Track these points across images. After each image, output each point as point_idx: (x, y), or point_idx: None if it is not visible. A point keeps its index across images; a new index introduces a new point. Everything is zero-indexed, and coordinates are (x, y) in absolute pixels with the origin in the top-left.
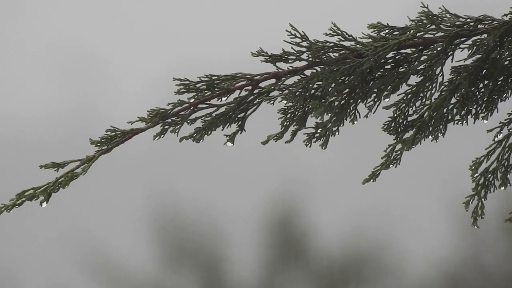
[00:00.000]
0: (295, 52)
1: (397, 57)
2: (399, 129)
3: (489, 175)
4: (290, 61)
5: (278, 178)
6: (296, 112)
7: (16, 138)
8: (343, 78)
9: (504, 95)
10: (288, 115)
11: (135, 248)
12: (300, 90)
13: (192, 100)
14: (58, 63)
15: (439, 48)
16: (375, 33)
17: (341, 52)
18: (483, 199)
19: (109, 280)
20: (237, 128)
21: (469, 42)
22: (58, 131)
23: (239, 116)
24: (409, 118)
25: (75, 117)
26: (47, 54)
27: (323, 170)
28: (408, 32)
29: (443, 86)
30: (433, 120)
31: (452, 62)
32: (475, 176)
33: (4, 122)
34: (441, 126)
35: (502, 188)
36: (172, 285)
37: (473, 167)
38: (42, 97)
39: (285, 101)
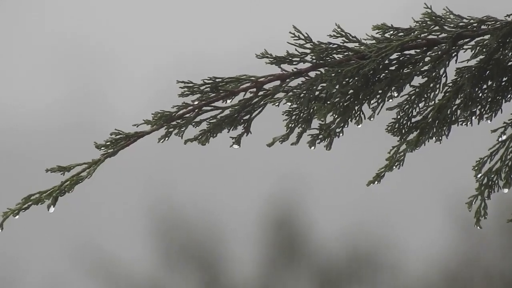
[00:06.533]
0: (299, 54)
1: (401, 58)
2: (403, 131)
3: (493, 175)
4: (294, 62)
5: (278, 178)
6: (301, 114)
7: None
8: (347, 79)
9: (508, 96)
10: (293, 117)
11: (135, 247)
12: (304, 92)
13: (196, 103)
14: (60, 62)
15: (442, 49)
16: (379, 34)
17: (345, 53)
18: (486, 199)
19: (108, 280)
20: (243, 130)
21: (472, 43)
22: (59, 130)
23: (244, 118)
24: (413, 120)
25: (78, 114)
26: (46, 55)
27: (322, 169)
28: (412, 33)
29: (447, 87)
30: (437, 121)
31: (456, 63)
32: (478, 176)
33: (6, 120)
34: (444, 128)
35: (506, 190)
36: (172, 285)
37: (476, 167)
38: (42, 95)
39: (289, 103)
